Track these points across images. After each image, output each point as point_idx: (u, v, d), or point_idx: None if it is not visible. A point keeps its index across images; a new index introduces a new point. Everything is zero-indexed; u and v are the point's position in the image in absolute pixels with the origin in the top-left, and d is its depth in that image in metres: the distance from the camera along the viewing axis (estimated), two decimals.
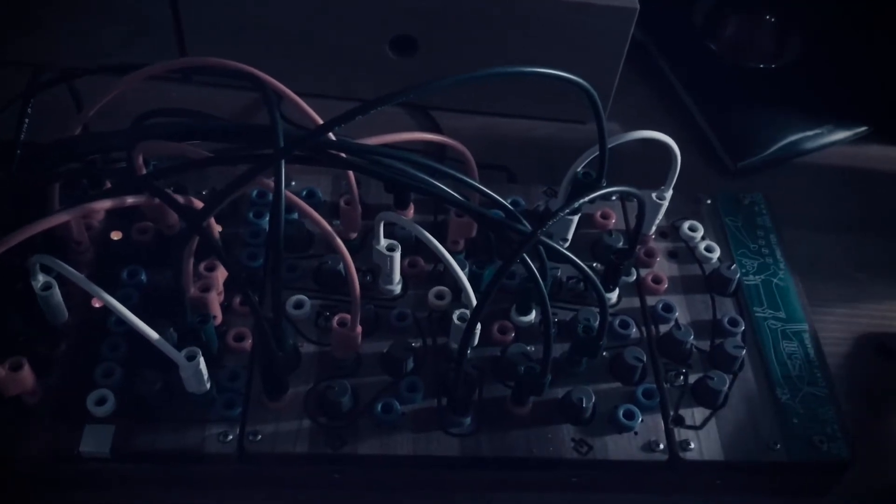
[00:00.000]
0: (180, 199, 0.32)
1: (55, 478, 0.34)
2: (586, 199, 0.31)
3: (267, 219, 0.40)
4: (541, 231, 0.30)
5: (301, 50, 0.49)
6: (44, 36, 0.50)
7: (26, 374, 0.33)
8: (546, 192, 0.44)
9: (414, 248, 0.40)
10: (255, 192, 0.41)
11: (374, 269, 0.39)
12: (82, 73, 0.33)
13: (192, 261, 0.34)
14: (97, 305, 0.36)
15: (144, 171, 0.34)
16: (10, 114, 0.37)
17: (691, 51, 0.56)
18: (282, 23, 0.48)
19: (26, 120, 0.32)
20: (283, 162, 0.29)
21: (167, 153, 0.33)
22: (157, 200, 0.31)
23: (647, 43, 0.56)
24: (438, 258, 0.39)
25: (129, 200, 0.31)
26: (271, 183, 0.31)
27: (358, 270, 0.34)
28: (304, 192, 0.42)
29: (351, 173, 0.37)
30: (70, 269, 0.31)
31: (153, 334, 0.31)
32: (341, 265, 0.38)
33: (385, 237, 0.37)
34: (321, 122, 0.32)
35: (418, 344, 0.37)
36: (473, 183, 0.33)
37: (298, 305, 0.38)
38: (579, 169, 0.38)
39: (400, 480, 0.36)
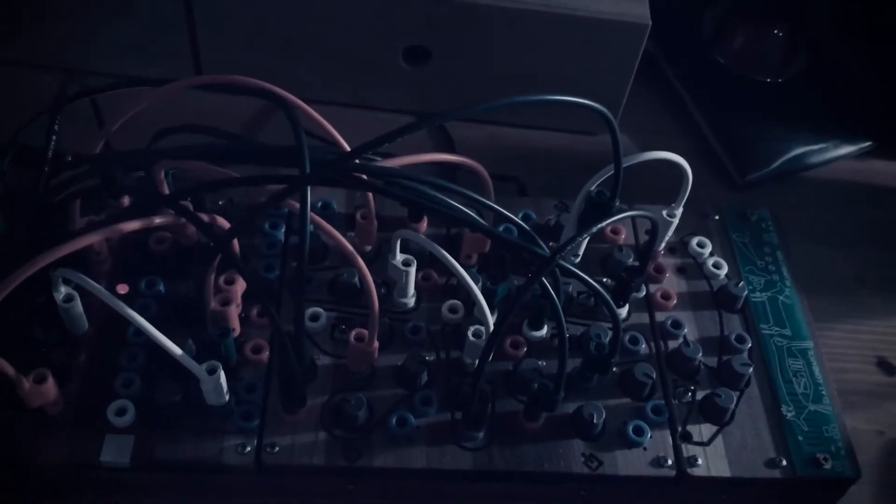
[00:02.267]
0: (205, 217, 0.32)
1: (76, 486, 0.35)
2: (604, 224, 0.32)
3: (283, 230, 0.41)
4: (559, 256, 0.31)
5: (314, 56, 0.50)
6: (57, 37, 0.50)
7: (50, 386, 0.33)
8: (557, 206, 0.44)
9: (428, 261, 0.41)
10: None
11: (388, 282, 0.40)
12: (107, 88, 0.34)
13: (213, 276, 0.35)
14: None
15: (165, 187, 0.35)
16: (20, 114, 0.37)
17: (699, 63, 0.57)
18: (296, 29, 0.49)
19: (54, 137, 0.32)
20: (308, 187, 0.29)
21: (195, 169, 0.34)
22: (182, 220, 0.31)
23: (656, 55, 0.56)
24: (452, 272, 0.40)
25: (157, 221, 0.32)
26: (293, 203, 0.31)
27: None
28: (320, 204, 0.42)
29: None
30: (94, 284, 0.32)
31: (176, 350, 0.32)
32: (356, 278, 0.39)
33: (400, 250, 0.37)
34: (346, 145, 0.33)
35: (432, 357, 0.38)
36: (491, 204, 0.34)
37: (314, 318, 0.38)
38: (592, 188, 0.38)
39: (413, 493, 0.36)
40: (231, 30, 0.49)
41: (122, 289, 0.38)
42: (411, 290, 0.39)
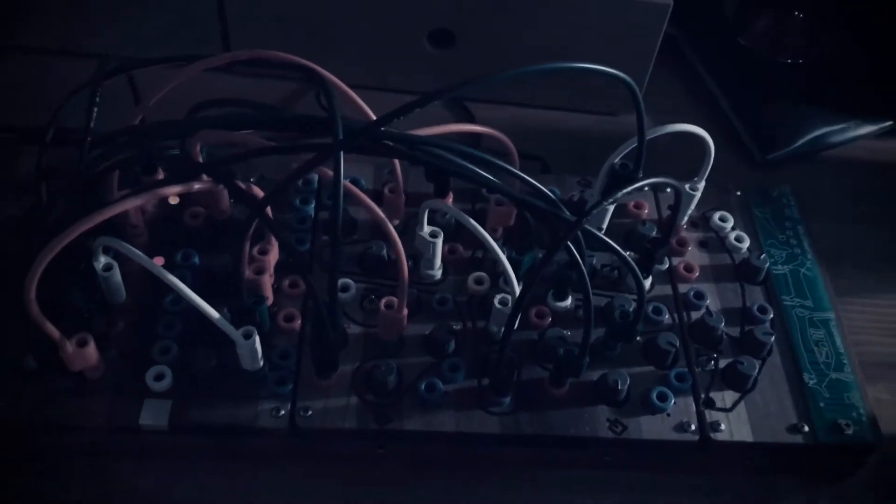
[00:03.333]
0: (242, 185, 0.33)
1: (115, 448, 0.36)
2: (629, 188, 0.33)
3: (312, 205, 0.42)
4: (584, 219, 0.32)
5: (341, 41, 0.51)
6: (89, 25, 0.51)
7: (91, 350, 0.34)
8: (580, 182, 0.45)
9: (453, 235, 0.42)
10: (300, 181, 0.43)
11: (415, 255, 0.41)
12: (144, 63, 0.35)
13: (248, 245, 0.36)
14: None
15: (200, 159, 0.36)
16: (53, 100, 0.38)
17: (722, 45, 0.58)
18: (323, 14, 0.50)
19: (95, 108, 0.33)
20: (341, 153, 0.30)
21: (226, 142, 0.35)
22: (220, 187, 0.33)
23: (678, 37, 0.57)
24: (477, 245, 0.41)
25: (196, 186, 0.33)
26: (327, 171, 0.32)
27: None
28: (348, 180, 0.43)
29: (397, 163, 0.39)
30: (135, 250, 0.33)
31: (214, 313, 0.33)
32: (385, 251, 0.40)
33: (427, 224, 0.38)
34: (373, 116, 0.34)
35: (458, 327, 0.39)
36: (517, 172, 0.35)
37: (344, 289, 0.39)
38: (617, 160, 0.39)
39: (441, 458, 0.37)
40: (260, 16, 0.50)
41: (159, 261, 0.39)
42: (438, 262, 0.40)
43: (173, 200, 0.40)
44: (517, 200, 0.34)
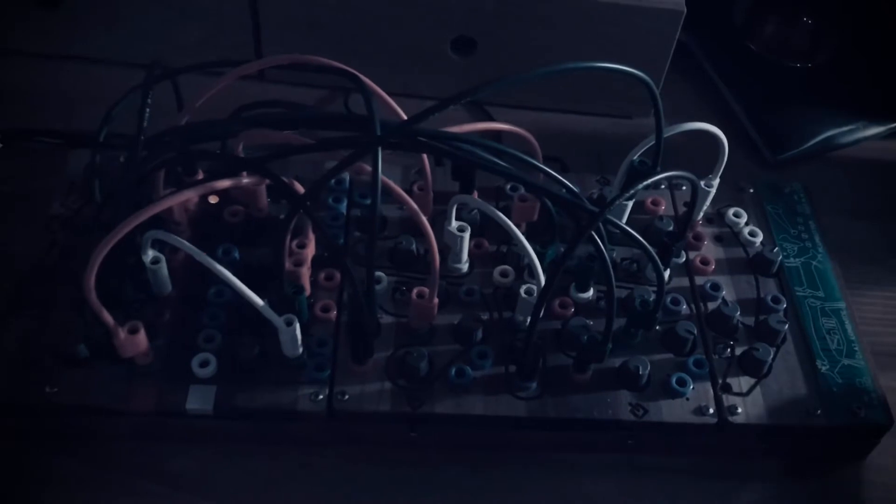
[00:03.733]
0: (285, 180, 0.36)
1: (163, 432, 0.38)
2: (648, 181, 0.35)
3: (345, 204, 0.44)
4: (607, 209, 0.34)
5: (367, 50, 0.53)
6: (128, 36, 0.53)
7: (142, 337, 0.37)
8: (599, 180, 0.47)
9: (479, 231, 0.44)
10: (333, 180, 0.45)
11: (442, 250, 0.43)
12: (188, 69, 0.37)
13: (289, 238, 0.38)
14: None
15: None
16: (96, 107, 0.41)
17: (732, 51, 0.60)
18: (350, 25, 0.52)
19: (147, 110, 0.36)
20: (379, 148, 0.33)
21: (270, 141, 0.37)
22: (261, 184, 0.35)
23: (690, 43, 0.59)
24: (502, 240, 0.43)
25: (244, 181, 0.35)
26: (362, 167, 0.34)
27: None
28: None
29: (426, 162, 0.41)
30: (184, 242, 0.35)
31: (259, 301, 0.35)
32: (414, 245, 0.42)
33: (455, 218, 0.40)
34: (404, 116, 0.36)
35: (486, 317, 0.41)
36: (541, 166, 0.37)
37: (377, 281, 0.41)
38: (635, 157, 0.41)
39: (471, 441, 0.39)
40: (291, 28, 0.52)
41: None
42: (465, 255, 0.42)
43: (213, 200, 0.42)
44: (543, 192, 0.36)
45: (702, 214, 0.45)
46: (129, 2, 0.52)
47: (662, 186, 0.47)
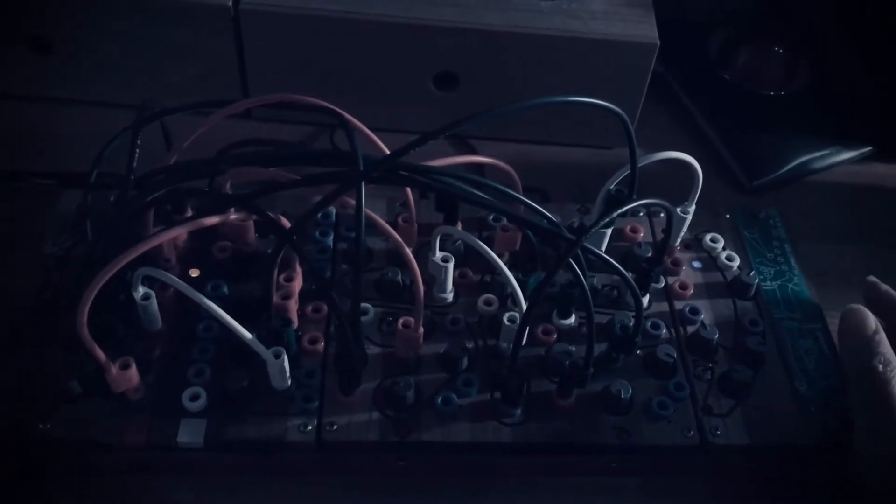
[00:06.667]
0: (272, 216, 0.37)
1: (155, 465, 0.39)
2: (624, 209, 0.36)
3: (331, 237, 0.45)
4: (585, 237, 0.35)
5: (351, 87, 0.54)
6: (121, 78, 0.55)
7: (133, 372, 0.37)
8: (580, 209, 0.48)
9: (462, 261, 0.45)
10: (320, 214, 0.46)
11: (428, 281, 0.44)
12: (178, 109, 0.38)
13: (277, 272, 0.39)
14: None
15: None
16: (88, 148, 0.42)
17: (707, 81, 0.61)
18: (334, 63, 0.53)
19: (137, 150, 0.37)
20: (363, 183, 0.34)
21: (255, 179, 0.38)
22: (248, 221, 0.36)
23: (666, 74, 0.61)
24: (485, 270, 0.44)
25: (232, 217, 0.36)
26: (346, 201, 0.35)
27: None
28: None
29: (410, 195, 0.42)
30: (174, 278, 0.36)
31: (247, 334, 0.36)
32: (399, 276, 0.43)
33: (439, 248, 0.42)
34: (386, 150, 0.37)
35: (471, 345, 0.42)
36: (520, 197, 0.38)
37: (363, 312, 0.42)
38: (612, 186, 0.42)
39: (459, 468, 0.40)
40: (277, 68, 0.54)
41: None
42: (449, 285, 0.43)
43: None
44: (523, 222, 0.38)
45: (679, 240, 0.47)
46: (119, 45, 0.53)
47: (641, 214, 0.48)
